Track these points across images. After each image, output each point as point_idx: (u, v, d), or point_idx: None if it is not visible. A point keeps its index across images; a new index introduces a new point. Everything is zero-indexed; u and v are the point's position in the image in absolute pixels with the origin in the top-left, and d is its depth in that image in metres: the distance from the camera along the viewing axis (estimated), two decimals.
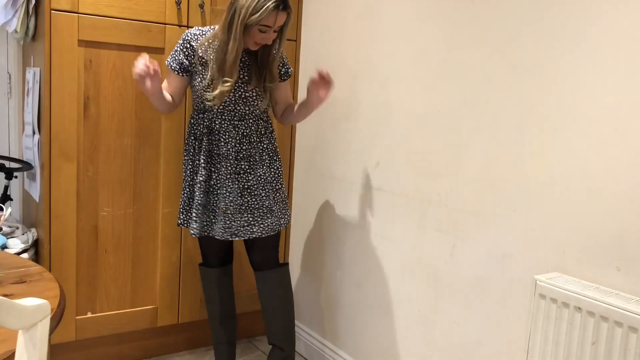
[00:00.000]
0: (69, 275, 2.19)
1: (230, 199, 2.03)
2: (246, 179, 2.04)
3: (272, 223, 2.10)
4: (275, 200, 2.12)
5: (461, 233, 1.82)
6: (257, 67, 2.04)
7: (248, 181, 2.05)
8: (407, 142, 2.02)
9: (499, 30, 1.68)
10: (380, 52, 2.14)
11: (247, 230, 2.06)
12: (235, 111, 2.03)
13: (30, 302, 0.83)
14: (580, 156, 1.47)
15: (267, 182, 2.08)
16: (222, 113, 2.03)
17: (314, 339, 2.56)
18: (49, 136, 2.09)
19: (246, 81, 2.02)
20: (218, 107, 2.01)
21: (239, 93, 2.01)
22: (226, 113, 2.03)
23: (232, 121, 2.03)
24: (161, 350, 2.50)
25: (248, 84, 2.02)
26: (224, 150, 2.03)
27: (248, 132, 2.05)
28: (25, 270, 1.40)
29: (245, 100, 2.02)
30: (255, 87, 2.03)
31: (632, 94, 1.36)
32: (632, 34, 1.36)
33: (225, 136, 2.03)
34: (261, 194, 2.07)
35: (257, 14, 1.84)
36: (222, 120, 2.03)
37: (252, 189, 2.05)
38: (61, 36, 2.06)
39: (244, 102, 2.03)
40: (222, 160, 2.03)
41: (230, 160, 2.02)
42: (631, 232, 1.36)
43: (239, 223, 2.05)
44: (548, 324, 1.42)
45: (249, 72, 2.03)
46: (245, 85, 2.02)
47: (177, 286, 2.43)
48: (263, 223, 2.08)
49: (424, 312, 1.97)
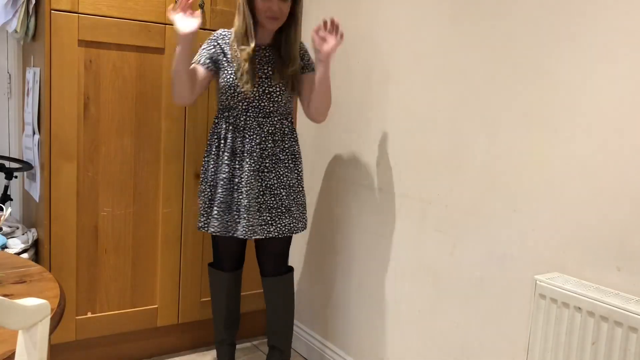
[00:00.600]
0: (69, 275, 2.19)
1: (252, 197, 2.02)
2: (268, 177, 2.05)
3: (289, 224, 2.10)
4: (295, 202, 2.11)
5: (461, 233, 1.82)
6: (281, 61, 2.05)
7: (269, 180, 2.05)
8: (407, 142, 2.02)
9: (499, 30, 1.68)
10: (380, 52, 2.14)
11: (263, 230, 2.05)
12: (260, 108, 2.03)
13: (30, 302, 0.83)
14: (580, 156, 1.47)
15: (288, 183, 2.08)
16: (246, 110, 2.03)
17: (313, 339, 2.56)
18: (49, 136, 2.09)
19: (269, 76, 2.03)
20: (243, 104, 2.02)
21: (262, 88, 2.02)
22: (251, 110, 2.03)
23: (256, 118, 2.03)
24: (161, 350, 2.50)
25: (272, 79, 2.03)
26: (248, 147, 2.03)
27: (272, 130, 2.05)
28: (25, 270, 1.40)
29: (269, 96, 2.03)
30: (280, 82, 2.03)
31: (632, 94, 1.36)
32: (632, 33, 1.36)
33: (249, 133, 2.03)
34: (281, 193, 2.06)
35: None
36: (247, 117, 2.03)
37: (272, 188, 2.05)
38: (61, 36, 2.06)
39: (268, 98, 2.03)
40: (245, 157, 2.03)
41: (254, 157, 2.02)
42: (631, 232, 1.36)
43: (257, 221, 2.04)
44: (548, 324, 1.42)
45: (272, 67, 2.04)
46: (269, 80, 2.03)
47: (177, 286, 2.43)
48: (280, 223, 2.07)
49: (424, 312, 1.97)
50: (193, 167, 2.39)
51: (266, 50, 2.05)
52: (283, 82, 2.04)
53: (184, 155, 2.36)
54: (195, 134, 2.37)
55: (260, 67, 2.03)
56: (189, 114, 2.34)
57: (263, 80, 2.02)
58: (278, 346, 2.27)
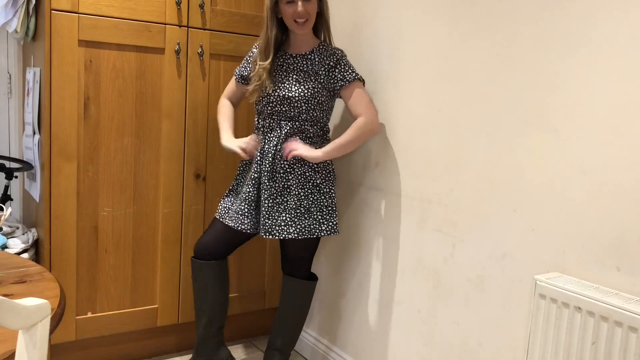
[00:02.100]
0: (69, 275, 2.19)
1: (266, 196, 2.04)
2: (286, 178, 2.06)
3: (310, 225, 2.06)
4: (316, 203, 2.08)
5: (461, 233, 1.82)
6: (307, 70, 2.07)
7: (288, 180, 2.06)
8: (407, 142, 2.02)
9: (499, 30, 1.68)
10: (380, 52, 2.14)
11: (283, 230, 2.04)
12: (281, 112, 2.06)
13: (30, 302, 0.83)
14: (580, 156, 1.47)
15: (309, 182, 2.07)
16: (271, 114, 2.09)
17: (313, 339, 2.56)
18: (49, 136, 2.09)
19: (292, 83, 2.05)
20: (268, 108, 2.08)
21: (283, 92, 2.05)
22: (275, 114, 2.08)
23: (279, 121, 2.08)
24: (161, 350, 2.50)
25: (292, 86, 2.05)
26: (266, 147, 2.08)
27: (291, 133, 2.06)
28: (25, 270, 1.40)
29: (289, 101, 2.04)
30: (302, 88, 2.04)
31: (632, 94, 1.36)
32: (632, 34, 1.36)
33: (270, 135, 2.09)
34: (300, 193, 2.06)
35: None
36: (272, 119, 2.09)
37: (291, 189, 2.06)
38: (61, 36, 2.06)
39: (288, 103, 2.04)
40: (264, 158, 2.07)
41: (269, 158, 2.06)
42: (631, 232, 1.36)
43: (275, 222, 2.04)
44: (548, 324, 1.42)
45: (299, 75, 2.06)
46: (291, 86, 2.05)
47: (177, 286, 2.43)
48: (300, 224, 2.05)
49: (424, 312, 1.97)
50: (193, 167, 2.39)
51: (297, 58, 2.08)
52: (305, 90, 2.04)
53: (184, 155, 2.36)
54: (195, 134, 2.37)
55: (287, 74, 2.06)
56: (189, 114, 2.34)
57: (285, 85, 2.05)
58: (280, 348, 2.26)
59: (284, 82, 2.06)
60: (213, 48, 2.36)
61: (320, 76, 2.05)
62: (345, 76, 2.05)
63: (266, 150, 2.08)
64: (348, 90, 2.05)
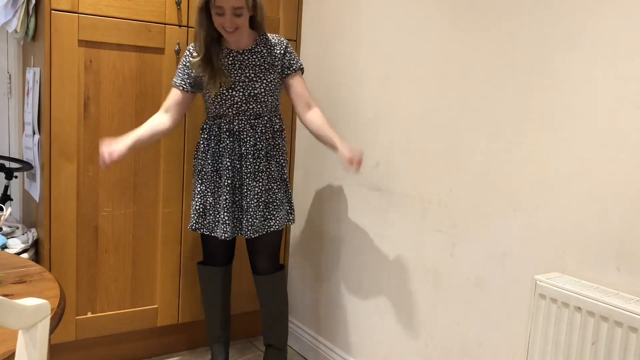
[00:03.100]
0: (69, 275, 2.19)
1: (252, 197, 2.06)
2: (263, 177, 2.08)
3: (283, 217, 2.15)
4: (286, 195, 2.17)
5: (461, 233, 1.82)
6: (262, 64, 2.06)
7: (264, 179, 2.08)
8: (407, 142, 2.02)
9: (499, 30, 1.68)
10: (380, 52, 2.14)
11: (264, 225, 2.10)
12: (249, 110, 2.05)
13: (30, 302, 0.83)
14: (580, 156, 1.47)
15: (279, 177, 2.13)
16: (238, 114, 2.05)
17: (313, 339, 2.56)
18: (49, 136, 2.09)
19: (252, 79, 2.04)
20: (232, 110, 2.04)
21: (247, 91, 2.03)
22: (242, 114, 2.05)
23: (249, 120, 2.06)
24: (161, 350, 2.51)
25: (255, 82, 2.04)
26: (244, 149, 2.06)
27: (264, 130, 2.08)
28: (25, 270, 1.40)
29: (255, 98, 2.04)
30: (263, 84, 2.04)
31: (632, 94, 1.36)
32: (632, 33, 1.36)
33: (244, 135, 2.06)
34: (273, 187, 2.11)
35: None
36: (240, 120, 2.06)
37: (268, 185, 2.10)
38: (61, 36, 2.06)
39: (255, 100, 2.04)
40: (243, 160, 2.06)
41: (249, 159, 2.05)
42: (631, 232, 1.36)
43: (259, 219, 2.08)
44: (548, 324, 1.42)
45: (254, 70, 2.04)
46: (253, 83, 2.04)
47: (177, 286, 2.43)
48: (277, 216, 2.12)
49: (424, 312, 1.97)
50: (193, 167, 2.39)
51: (244, 54, 2.05)
52: (267, 83, 2.05)
53: (184, 155, 2.36)
54: (195, 134, 2.37)
55: (242, 72, 2.04)
56: (189, 114, 2.34)
57: (247, 84, 2.03)
58: (275, 344, 2.29)
59: (244, 81, 2.03)
60: None
61: (276, 66, 2.07)
62: (292, 64, 2.10)
63: (244, 152, 2.05)
64: (294, 79, 2.10)
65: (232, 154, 2.06)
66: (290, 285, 2.73)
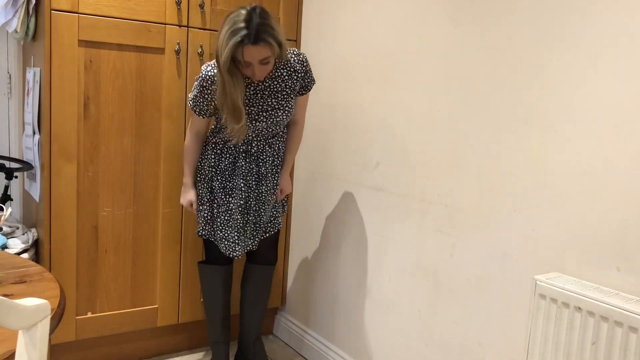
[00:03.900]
0: (69, 275, 2.19)
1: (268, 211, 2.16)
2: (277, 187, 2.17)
3: (281, 213, 2.26)
4: None
5: (461, 233, 1.82)
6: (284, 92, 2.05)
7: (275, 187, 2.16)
8: (407, 142, 2.02)
9: (499, 30, 1.68)
10: (380, 52, 2.14)
11: (274, 224, 2.21)
12: (268, 133, 2.09)
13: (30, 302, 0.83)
14: (580, 156, 1.47)
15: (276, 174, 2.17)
16: (257, 137, 2.08)
17: (313, 339, 2.56)
18: (49, 136, 2.09)
19: (275, 107, 2.04)
20: (253, 134, 2.06)
21: (270, 120, 2.04)
22: (260, 136, 2.09)
23: (267, 140, 2.11)
24: (161, 350, 2.51)
25: (277, 110, 2.04)
26: (263, 170, 2.09)
27: (280, 146, 2.15)
28: (25, 270, 1.40)
29: (276, 123, 2.07)
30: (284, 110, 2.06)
31: (632, 93, 1.36)
32: (631, 33, 1.36)
33: (263, 156, 2.10)
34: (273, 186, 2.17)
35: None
36: (258, 142, 2.09)
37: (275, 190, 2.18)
38: (61, 36, 2.06)
39: (276, 124, 2.07)
40: (262, 179, 2.10)
41: (268, 177, 2.11)
42: (631, 232, 1.36)
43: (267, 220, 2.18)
44: (548, 324, 1.42)
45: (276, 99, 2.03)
46: (276, 111, 2.04)
47: (177, 286, 2.43)
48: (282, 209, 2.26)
49: (424, 312, 1.97)
50: None
51: (265, 82, 2.02)
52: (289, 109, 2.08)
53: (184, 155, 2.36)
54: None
55: (264, 101, 2.03)
56: (189, 114, 2.34)
57: (270, 113, 2.04)
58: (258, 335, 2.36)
59: (267, 110, 2.02)
60: (213, 48, 2.35)
61: (295, 88, 2.08)
62: (309, 85, 2.12)
63: (263, 172, 2.09)
64: (303, 98, 2.17)
65: (248, 174, 2.08)
66: (290, 285, 2.73)
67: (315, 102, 2.49)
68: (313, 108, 2.50)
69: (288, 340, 2.72)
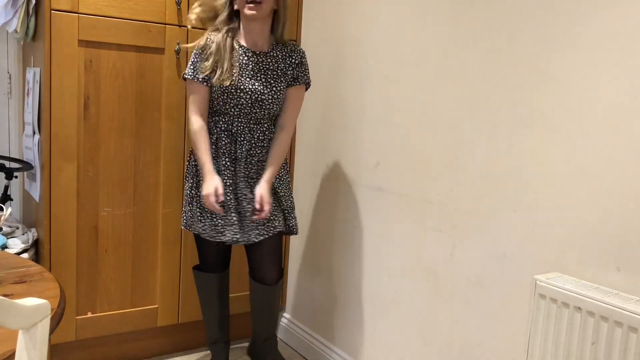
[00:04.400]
0: (69, 275, 2.19)
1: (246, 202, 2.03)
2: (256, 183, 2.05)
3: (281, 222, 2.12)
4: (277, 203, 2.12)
5: (461, 233, 1.82)
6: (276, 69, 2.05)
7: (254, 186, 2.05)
8: (407, 142, 2.02)
9: (499, 30, 1.68)
10: (380, 52, 2.14)
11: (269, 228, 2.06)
12: (251, 114, 2.04)
13: (30, 302, 0.83)
14: (580, 156, 1.47)
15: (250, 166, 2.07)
16: (239, 116, 2.04)
17: (313, 339, 2.56)
18: (49, 136, 2.09)
19: (263, 83, 2.03)
20: (235, 110, 2.02)
21: (255, 96, 2.02)
22: (242, 116, 2.04)
23: (248, 124, 2.05)
24: (161, 350, 2.50)
25: (265, 87, 2.03)
26: (239, 152, 2.04)
27: (262, 137, 2.07)
28: (25, 270, 1.40)
29: (260, 104, 2.03)
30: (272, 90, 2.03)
31: (632, 93, 1.36)
32: (632, 34, 1.36)
33: (241, 139, 2.04)
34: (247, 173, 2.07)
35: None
36: (239, 122, 2.04)
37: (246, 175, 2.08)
38: (61, 36, 2.06)
39: (260, 106, 2.03)
40: (237, 163, 2.04)
41: (241, 163, 2.04)
42: (631, 232, 1.36)
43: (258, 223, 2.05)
44: (548, 324, 1.42)
45: (266, 76, 2.03)
46: (262, 88, 2.03)
47: (177, 286, 2.43)
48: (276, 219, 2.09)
49: (424, 312, 1.97)
50: None
51: (260, 56, 2.04)
52: (275, 91, 2.05)
53: (184, 155, 2.36)
54: None
55: (254, 73, 2.03)
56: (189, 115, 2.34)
57: (255, 87, 2.02)
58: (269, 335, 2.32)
59: (255, 84, 2.02)
60: None
61: (288, 75, 2.07)
62: (302, 76, 2.09)
63: (239, 155, 2.04)
64: (295, 90, 2.10)
65: (229, 154, 2.04)
66: (290, 286, 2.73)
67: (315, 102, 2.49)
68: (313, 107, 2.50)
69: (288, 340, 2.72)
